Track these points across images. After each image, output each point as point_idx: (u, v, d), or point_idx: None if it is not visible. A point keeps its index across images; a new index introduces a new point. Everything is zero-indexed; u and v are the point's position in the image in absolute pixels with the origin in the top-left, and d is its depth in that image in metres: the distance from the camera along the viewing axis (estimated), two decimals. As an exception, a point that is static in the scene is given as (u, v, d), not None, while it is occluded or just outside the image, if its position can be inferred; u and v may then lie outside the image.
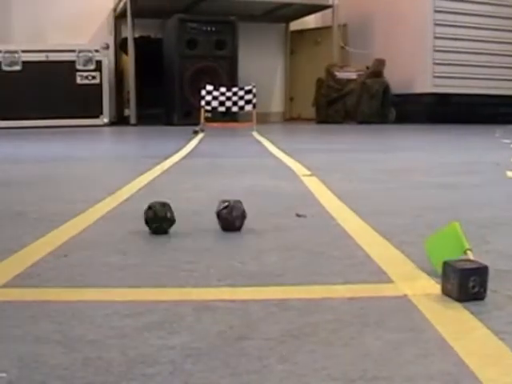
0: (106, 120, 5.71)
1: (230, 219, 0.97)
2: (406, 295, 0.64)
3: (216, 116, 5.00)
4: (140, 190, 1.44)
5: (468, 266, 0.63)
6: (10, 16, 6.10)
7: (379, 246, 0.87)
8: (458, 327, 0.55)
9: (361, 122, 6.00)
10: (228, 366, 0.46)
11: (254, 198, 1.33)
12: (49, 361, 0.47)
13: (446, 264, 0.63)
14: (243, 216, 0.98)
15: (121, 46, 6.44)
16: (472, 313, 0.58)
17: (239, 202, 0.99)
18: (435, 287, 0.66)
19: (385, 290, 0.66)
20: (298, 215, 1.07)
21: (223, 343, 0.51)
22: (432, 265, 0.72)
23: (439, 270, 0.65)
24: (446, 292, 0.63)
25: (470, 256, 0.67)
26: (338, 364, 0.47)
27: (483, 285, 0.62)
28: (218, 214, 0.97)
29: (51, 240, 0.90)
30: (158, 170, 1.87)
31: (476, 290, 0.61)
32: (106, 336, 0.53)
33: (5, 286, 0.68)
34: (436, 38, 5.89)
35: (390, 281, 0.70)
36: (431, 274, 0.70)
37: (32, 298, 0.64)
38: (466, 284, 0.61)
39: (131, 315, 0.58)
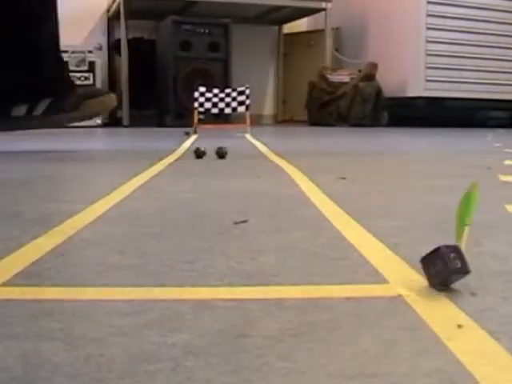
0: (98, 121, 5.70)
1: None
2: (401, 295, 0.65)
3: (209, 118, 5.01)
4: (135, 190, 1.45)
5: (441, 246, 0.66)
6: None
7: (374, 247, 0.88)
8: (453, 327, 0.56)
9: (353, 125, 6.02)
10: (229, 363, 0.47)
11: (249, 199, 1.34)
12: (52, 358, 0.48)
13: (422, 258, 0.66)
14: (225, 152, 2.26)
15: (114, 47, 6.44)
16: (467, 313, 0.59)
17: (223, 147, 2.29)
18: (429, 288, 0.67)
19: (380, 291, 0.67)
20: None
21: (223, 341, 0.52)
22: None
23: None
24: (432, 281, 0.66)
25: (465, 235, 0.68)
26: (336, 361, 0.48)
27: (463, 259, 0.65)
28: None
29: (49, 240, 0.91)
30: (152, 170, 1.88)
31: (459, 264, 0.64)
32: (107, 334, 0.53)
33: (5, 284, 0.69)
34: (428, 41, 5.92)
35: (385, 281, 0.71)
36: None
37: (32, 296, 0.65)
38: (448, 257, 0.64)
39: (131, 313, 0.59)
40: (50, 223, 1.02)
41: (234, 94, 4.46)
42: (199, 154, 2.31)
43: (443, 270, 0.65)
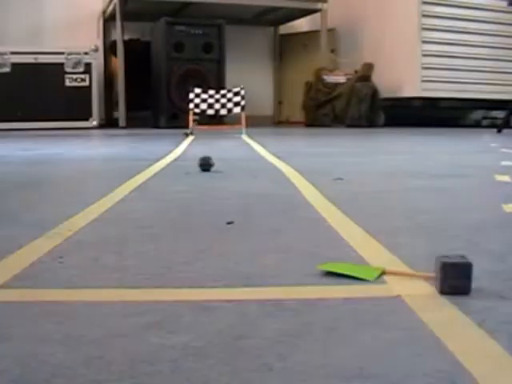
0: (94, 122, 5.69)
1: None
2: (399, 295, 0.65)
3: (204, 119, 4.99)
4: (132, 191, 1.45)
5: (453, 261, 0.66)
6: (3, 19, 6.07)
7: (371, 247, 0.88)
8: (452, 326, 0.56)
9: (349, 126, 6.02)
10: (228, 364, 0.47)
11: (247, 199, 1.34)
12: (50, 360, 0.48)
13: (436, 258, 0.67)
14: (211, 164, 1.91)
15: (110, 48, 6.42)
16: (465, 312, 0.59)
17: (209, 157, 1.92)
18: (427, 288, 0.67)
19: (379, 291, 0.67)
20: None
21: (222, 342, 0.52)
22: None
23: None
24: (435, 284, 0.67)
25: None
26: (335, 362, 0.48)
27: (467, 280, 0.65)
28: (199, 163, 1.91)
29: (46, 242, 0.91)
30: (149, 172, 1.87)
31: (459, 284, 0.65)
32: (106, 335, 0.53)
33: (3, 286, 0.68)
34: (424, 42, 5.92)
35: (383, 282, 0.71)
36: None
37: (31, 298, 0.64)
38: (447, 278, 0.65)
39: (130, 315, 0.59)
40: (48, 225, 1.02)
41: (230, 95, 4.45)
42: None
43: (437, 286, 0.66)
